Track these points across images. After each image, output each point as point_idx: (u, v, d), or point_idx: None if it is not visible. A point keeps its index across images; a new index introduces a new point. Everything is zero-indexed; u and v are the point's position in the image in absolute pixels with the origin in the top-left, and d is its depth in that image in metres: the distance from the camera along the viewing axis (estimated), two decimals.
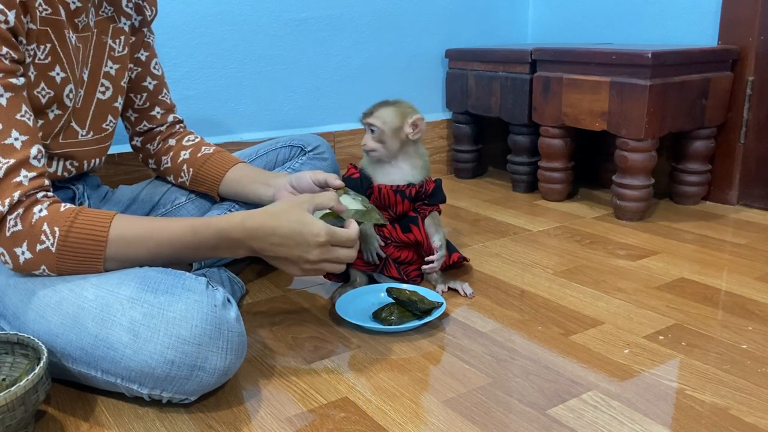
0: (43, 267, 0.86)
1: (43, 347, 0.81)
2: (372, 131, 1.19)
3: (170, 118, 1.25)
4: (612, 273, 1.32)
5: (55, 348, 0.85)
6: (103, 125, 1.11)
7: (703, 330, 1.07)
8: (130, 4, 1.13)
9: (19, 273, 0.88)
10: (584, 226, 1.63)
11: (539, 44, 1.90)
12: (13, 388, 0.72)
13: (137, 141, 1.26)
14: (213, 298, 0.83)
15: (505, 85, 1.90)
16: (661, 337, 1.05)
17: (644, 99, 1.54)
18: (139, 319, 0.81)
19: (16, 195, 0.83)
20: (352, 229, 0.94)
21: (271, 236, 0.89)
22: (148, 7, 1.17)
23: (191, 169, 1.21)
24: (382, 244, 1.21)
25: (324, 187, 1.10)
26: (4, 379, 0.86)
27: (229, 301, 0.86)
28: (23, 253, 0.85)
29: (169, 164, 1.24)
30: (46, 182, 0.88)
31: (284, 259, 0.92)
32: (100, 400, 0.89)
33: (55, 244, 0.84)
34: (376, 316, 1.10)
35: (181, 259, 0.92)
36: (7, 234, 0.84)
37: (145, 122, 1.23)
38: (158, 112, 1.23)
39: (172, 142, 1.24)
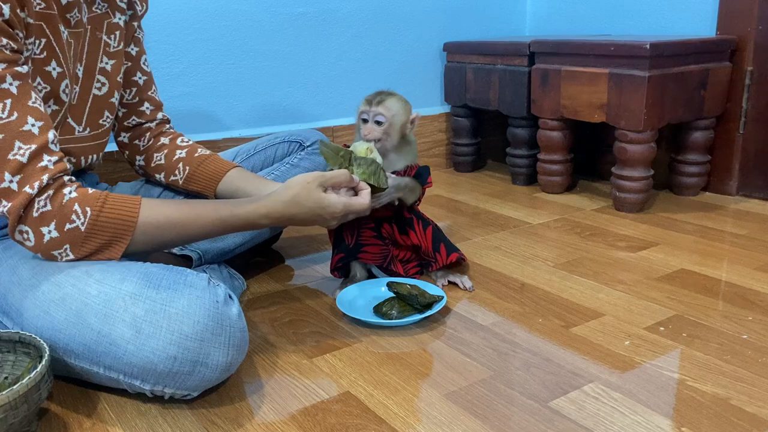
0: (66, 246, 0.88)
1: (45, 345, 0.81)
2: (378, 123, 1.15)
3: (159, 115, 1.24)
4: (612, 265, 1.32)
5: (58, 344, 0.85)
6: (100, 121, 1.11)
7: (704, 321, 1.08)
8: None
9: (37, 254, 0.90)
10: (584, 218, 1.63)
11: (537, 36, 1.90)
12: (15, 387, 0.73)
13: (124, 137, 1.24)
14: (215, 294, 0.83)
15: (504, 78, 1.90)
16: (661, 328, 1.05)
17: (643, 90, 1.54)
18: (142, 315, 0.81)
19: (45, 178, 0.85)
20: (364, 197, 1.03)
21: (292, 219, 1.01)
22: (138, 2, 1.17)
23: (188, 167, 1.21)
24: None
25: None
26: (6, 378, 0.86)
27: (230, 297, 0.87)
28: (49, 232, 0.87)
29: (162, 161, 1.23)
30: (68, 166, 0.90)
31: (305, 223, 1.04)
32: (102, 397, 0.90)
33: (86, 223, 0.87)
34: (377, 310, 1.10)
35: (205, 239, 1.02)
36: (35, 214, 0.86)
37: (134, 117, 1.22)
38: (147, 108, 1.23)
39: (165, 140, 1.23)
